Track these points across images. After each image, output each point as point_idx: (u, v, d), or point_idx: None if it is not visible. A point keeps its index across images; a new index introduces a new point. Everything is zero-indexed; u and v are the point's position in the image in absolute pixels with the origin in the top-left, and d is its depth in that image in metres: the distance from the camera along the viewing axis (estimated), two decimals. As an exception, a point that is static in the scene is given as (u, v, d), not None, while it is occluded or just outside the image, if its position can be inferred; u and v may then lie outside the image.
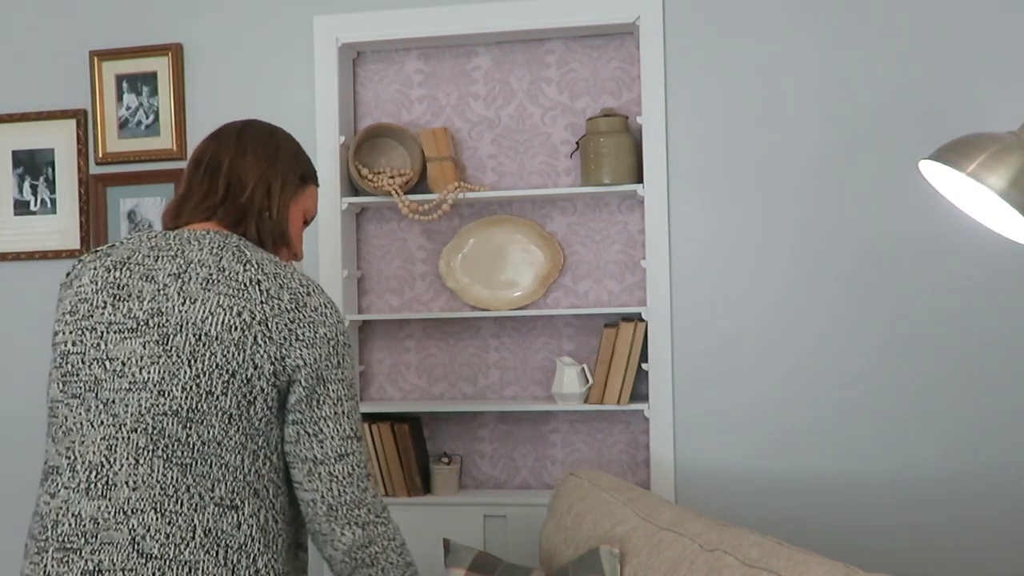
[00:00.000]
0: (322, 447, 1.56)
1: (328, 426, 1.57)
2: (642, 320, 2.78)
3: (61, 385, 1.55)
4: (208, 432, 1.50)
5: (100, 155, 2.99)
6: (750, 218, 2.73)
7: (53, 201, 3.04)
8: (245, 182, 1.68)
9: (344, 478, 1.57)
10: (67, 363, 1.55)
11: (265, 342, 1.52)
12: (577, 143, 2.85)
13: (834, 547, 2.68)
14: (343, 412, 1.58)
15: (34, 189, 3.05)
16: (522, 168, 2.92)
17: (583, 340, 2.90)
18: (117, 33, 3.00)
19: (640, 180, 2.78)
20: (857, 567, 2.31)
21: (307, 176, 1.79)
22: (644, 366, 2.76)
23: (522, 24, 2.79)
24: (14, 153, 3.06)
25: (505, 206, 2.94)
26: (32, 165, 3.05)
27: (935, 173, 1.98)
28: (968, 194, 1.96)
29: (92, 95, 2.99)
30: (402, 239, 2.98)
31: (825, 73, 2.69)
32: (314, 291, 1.60)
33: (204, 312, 1.51)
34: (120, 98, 2.99)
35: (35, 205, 3.05)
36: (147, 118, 2.98)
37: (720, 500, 2.73)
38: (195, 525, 1.48)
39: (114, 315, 1.54)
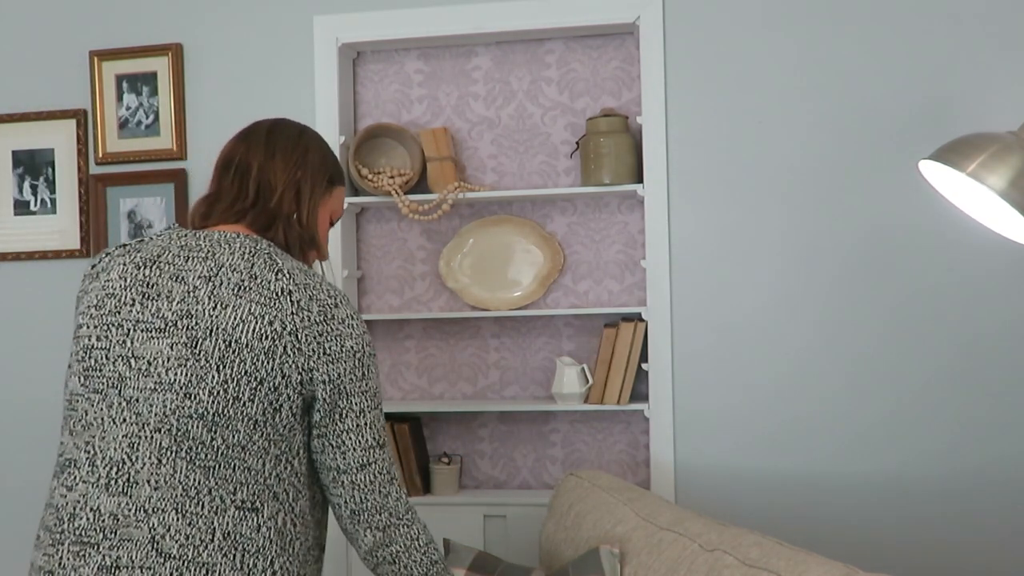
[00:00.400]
0: (344, 458, 1.60)
1: (350, 438, 1.60)
2: (642, 320, 2.78)
3: (82, 379, 1.56)
4: (233, 436, 1.51)
5: (100, 155, 2.99)
6: (750, 218, 2.73)
7: (53, 201, 3.04)
8: (275, 186, 1.68)
9: (366, 486, 1.61)
10: (90, 357, 1.55)
11: (294, 353, 1.53)
12: (577, 143, 2.85)
13: (834, 547, 2.68)
14: (365, 424, 1.61)
15: (34, 189, 3.05)
16: (522, 168, 2.92)
17: (583, 340, 2.90)
18: (117, 33, 3.00)
19: (640, 180, 2.78)
20: (857, 567, 2.31)
21: (335, 178, 1.79)
22: (644, 366, 2.76)
23: (522, 24, 2.79)
24: (14, 153, 3.06)
25: (505, 206, 2.94)
26: (32, 165, 3.05)
27: (935, 173, 1.98)
28: (968, 194, 1.96)
29: (92, 95, 2.99)
30: (402, 239, 2.98)
31: (825, 73, 2.69)
32: (341, 303, 1.61)
33: (235, 319, 1.52)
34: (120, 98, 2.99)
35: (35, 205, 3.05)
36: (147, 118, 2.98)
37: (720, 500, 2.73)
38: (215, 528, 1.49)
39: (142, 313, 1.55)
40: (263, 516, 1.53)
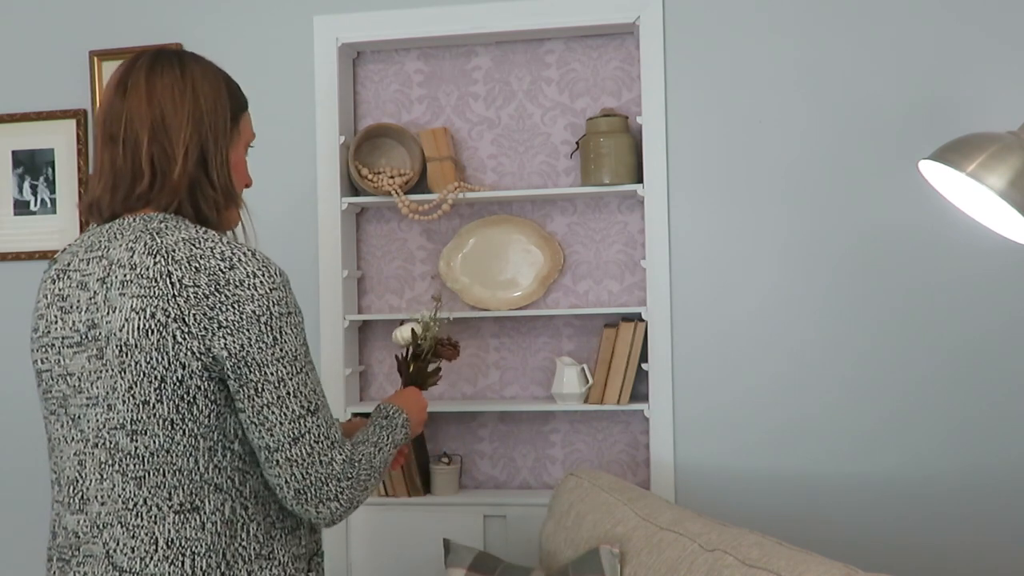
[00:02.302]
0: (272, 435, 1.43)
1: (273, 413, 1.43)
2: (642, 320, 2.78)
3: (44, 403, 1.55)
4: (153, 442, 1.43)
5: (100, 155, 2.99)
6: (750, 218, 2.73)
7: (53, 201, 3.04)
8: (173, 155, 1.49)
9: (304, 459, 1.45)
10: (43, 381, 1.54)
11: (186, 338, 1.40)
12: (577, 143, 2.85)
13: (834, 547, 2.68)
14: (288, 393, 1.44)
15: (34, 189, 3.05)
16: (522, 168, 2.92)
17: (583, 340, 2.90)
18: (117, 33, 3.00)
19: (640, 180, 2.78)
20: (857, 567, 2.31)
21: (236, 111, 1.58)
22: (644, 366, 2.76)
23: (522, 24, 2.79)
24: (14, 153, 3.06)
25: (505, 206, 2.94)
26: (32, 165, 3.05)
27: (935, 173, 1.98)
28: (968, 194, 1.96)
29: (92, 95, 2.99)
30: (402, 239, 2.98)
31: (825, 73, 2.69)
32: (240, 262, 1.43)
33: (121, 320, 1.43)
34: (120, 98, 2.99)
35: (35, 205, 3.05)
36: (147, 118, 2.98)
37: (720, 500, 2.73)
38: (156, 537, 1.44)
39: (63, 329, 1.50)
40: (205, 513, 1.45)
